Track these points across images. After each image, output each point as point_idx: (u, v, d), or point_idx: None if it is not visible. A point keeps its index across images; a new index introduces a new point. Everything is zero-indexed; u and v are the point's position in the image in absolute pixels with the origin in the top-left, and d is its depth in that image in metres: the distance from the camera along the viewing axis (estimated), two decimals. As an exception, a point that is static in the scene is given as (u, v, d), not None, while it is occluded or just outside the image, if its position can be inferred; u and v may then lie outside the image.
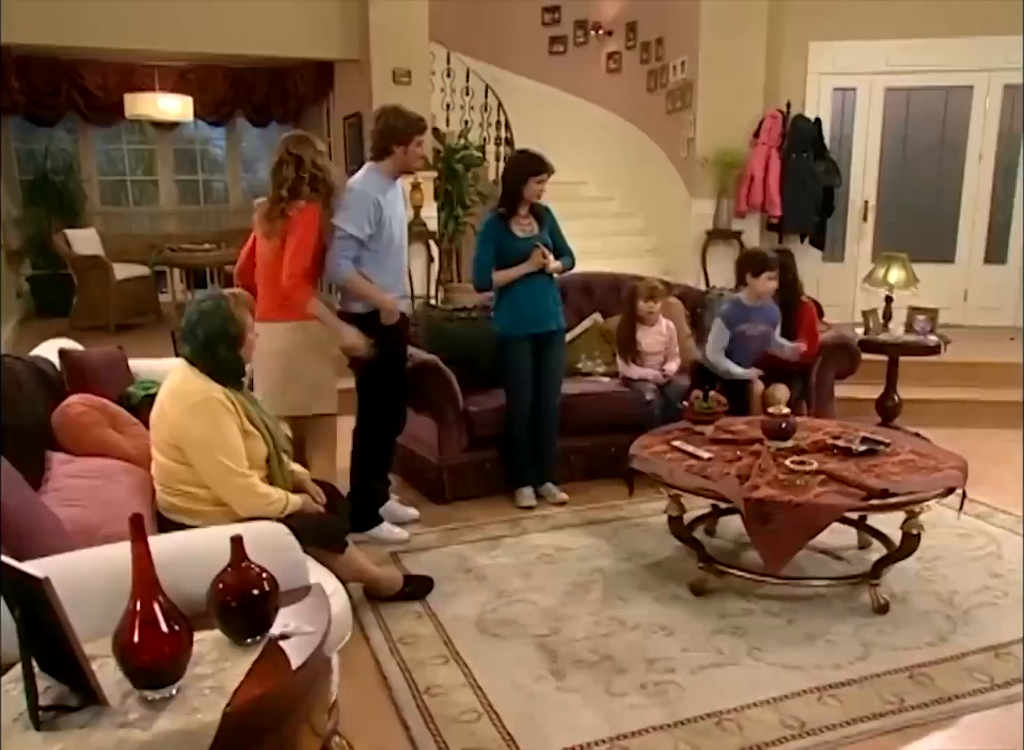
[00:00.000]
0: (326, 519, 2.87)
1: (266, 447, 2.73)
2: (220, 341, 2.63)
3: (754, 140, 6.98)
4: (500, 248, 3.95)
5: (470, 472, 4.25)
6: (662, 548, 3.64)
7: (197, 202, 9.56)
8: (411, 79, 7.26)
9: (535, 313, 4.02)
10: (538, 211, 4.03)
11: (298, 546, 1.90)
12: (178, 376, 2.67)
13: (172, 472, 2.63)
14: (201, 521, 2.64)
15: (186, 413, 2.56)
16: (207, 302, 2.68)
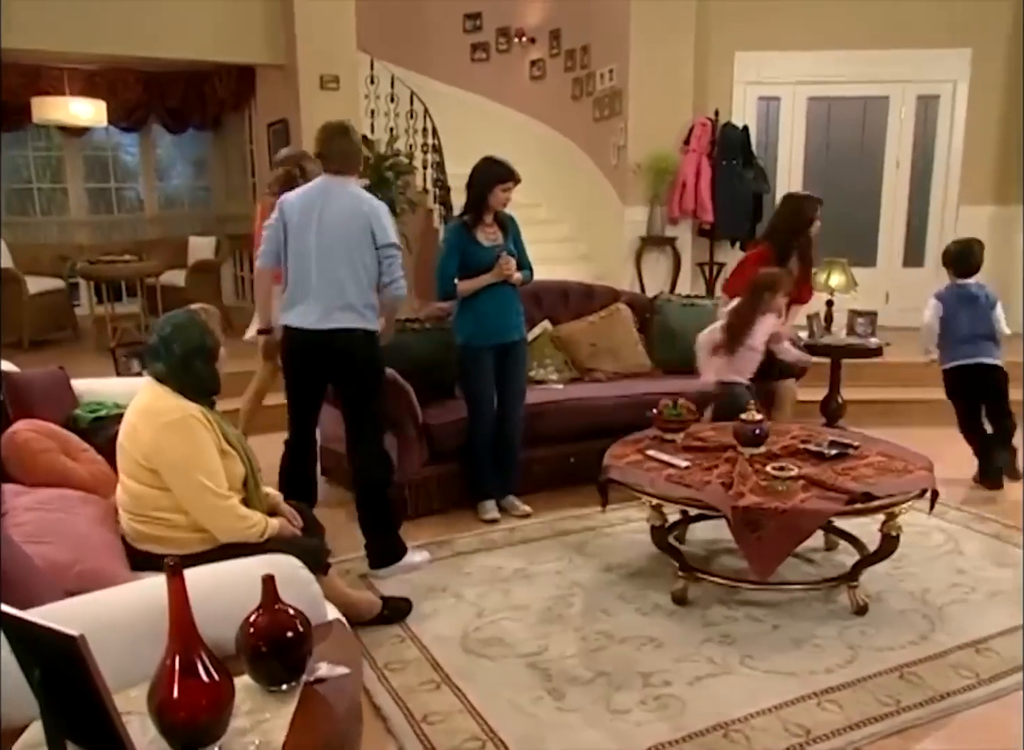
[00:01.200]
0: (306, 542, 2.74)
1: (243, 467, 2.59)
2: (197, 355, 2.50)
3: (685, 147, 7.08)
4: (465, 257, 3.88)
5: (432, 487, 4.16)
6: (636, 558, 3.62)
7: (110, 211, 9.13)
8: (339, 85, 7.11)
9: (498, 323, 3.95)
10: (503, 220, 3.97)
11: (313, 579, 1.79)
12: (149, 394, 2.51)
13: (144, 498, 2.47)
14: (175, 549, 2.48)
15: (162, 432, 2.41)
16: (179, 316, 2.55)
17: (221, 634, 1.60)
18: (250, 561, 1.80)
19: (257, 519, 2.55)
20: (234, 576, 1.72)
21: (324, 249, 3.31)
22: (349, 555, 3.65)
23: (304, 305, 3.34)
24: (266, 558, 1.80)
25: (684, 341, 4.94)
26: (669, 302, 5.13)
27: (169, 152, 9.63)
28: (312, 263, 3.31)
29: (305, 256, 3.33)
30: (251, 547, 2.53)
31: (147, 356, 2.54)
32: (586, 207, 8.23)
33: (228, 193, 9.31)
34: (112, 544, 2.42)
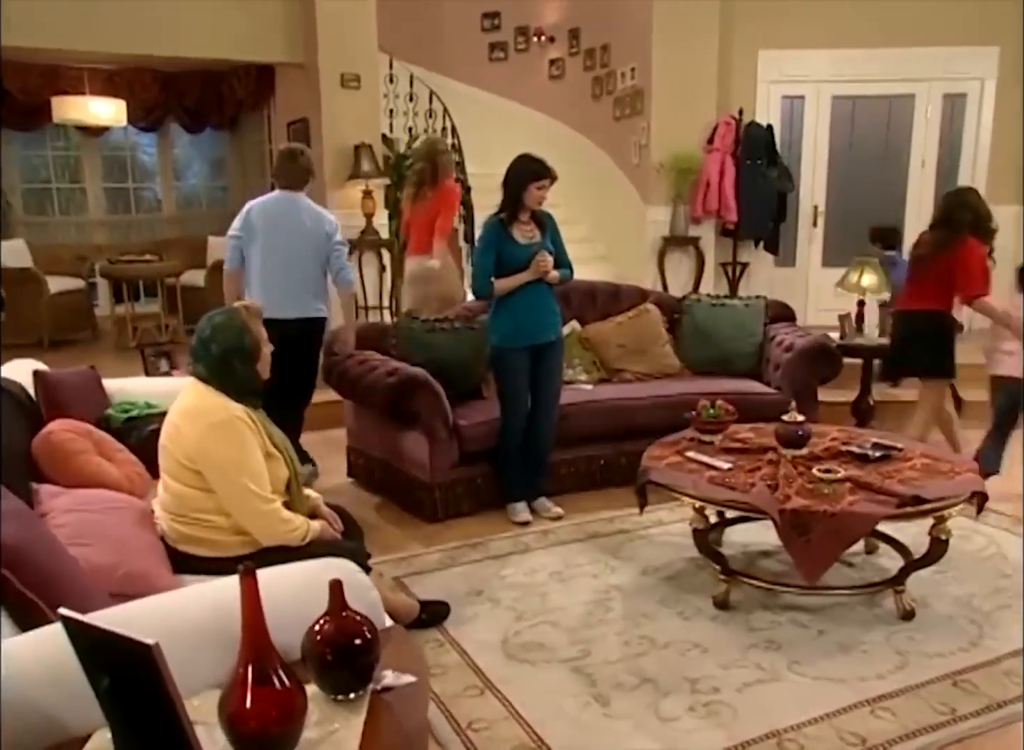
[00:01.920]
0: (346, 544, 2.70)
1: (287, 470, 2.55)
2: (235, 355, 2.46)
3: (708, 146, 7.01)
4: (501, 255, 3.82)
5: (461, 489, 4.11)
6: (673, 561, 3.56)
7: (128, 211, 9.11)
8: (360, 84, 7.05)
9: (534, 323, 3.89)
10: (540, 218, 3.91)
11: (372, 585, 1.74)
12: (192, 395, 2.47)
13: (187, 498, 2.43)
14: (217, 551, 2.46)
15: (207, 433, 2.37)
16: (219, 316, 2.51)
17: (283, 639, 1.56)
18: (309, 565, 1.75)
19: (299, 522, 2.51)
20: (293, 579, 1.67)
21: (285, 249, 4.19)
22: (383, 558, 3.60)
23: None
24: (323, 562, 1.76)
25: (714, 341, 4.92)
26: (698, 302, 5.07)
27: (187, 152, 9.61)
28: (276, 261, 4.18)
29: (270, 257, 4.19)
30: (293, 550, 2.49)
31: (190, 357, 2.49)
32: (605, 207, 8.18)
33: (245, 192, 9.27)
34: (154, 546, 2.38)
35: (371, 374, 4.10)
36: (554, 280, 3.91)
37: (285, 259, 4.17)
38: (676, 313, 5.08)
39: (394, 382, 3.95)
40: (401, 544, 3.80)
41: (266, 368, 2.55)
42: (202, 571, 2.44)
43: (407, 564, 3.56)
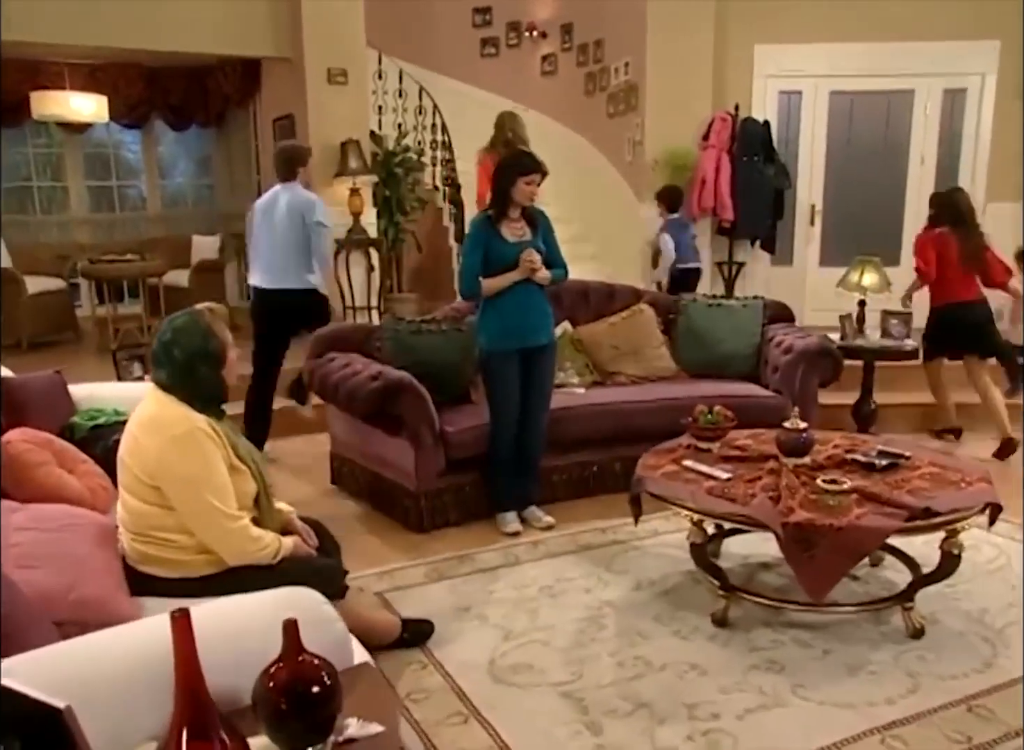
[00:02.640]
0: (322, 562, 2.54)
1: (255, 484, 2.39)
2: (200, 360, 2.29)
3: (704, 143, 6.85)
4: (488, 253, 3.65)
5: (449, 497, 3.94)
6: (669, 574, 3.40)
7: (112, 210, 8.91)
8: (347, 79, 6.89)
9: (523, 325, 3.72)
10: (532, 216, 3.74)
11: (338, 617, 1.57)
12: (152, 404, 2.30)
13: (146, 516, 2.26)
14: (180, 572, 2.29)
15: (168, 446, 2.20)
16: (181, 318, 2.34)
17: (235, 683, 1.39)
18: (265, 596, 1.58)
19: (269, 540, 2.35)
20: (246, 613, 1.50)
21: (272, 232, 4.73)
22: (365, 571, 3.43)
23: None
24: (284, 592, 1.59)
25: (710, 343, 4.76)
26: (694, 302, 4.91)
27: (172, 149, 9.42)
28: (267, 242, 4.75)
29: (264, 238, 4.77)
30: (263, 570, 2.33)
31: (151, 363, 2.33)
32: (598, 205, 8.02)
33: (232, 191, 9.10)
34: (111, 567, 2.21)
35: (353, 378, 3.93)
36: (544, 280, 3.74)
37: (272, 240, 4.72)
38: (672, 314, 4.92)
39: (377, 386, 3.78)
40: (385, 556, 3.63)
41: (233, 374, 2.39)
42: (165, 593, 2.28)
43: (390, 578, 3.39)
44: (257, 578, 2.32)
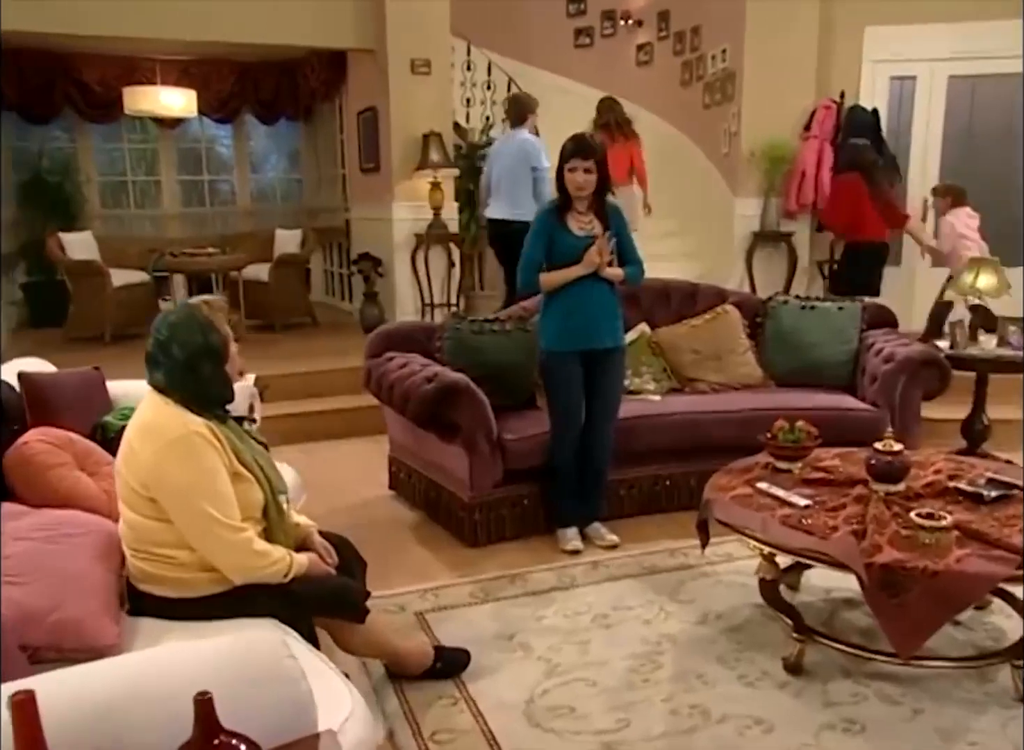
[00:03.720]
0: (340, 583, 2.32)
1: (262, 493, 2.18)
2: (203, 358, 2.10)
3: (805, 133, 6.40)
4: (553, 246, 3.38)
5: (505, 510, 3.68)
6: (739, 607, 3.05)
7: (202, 204, 9.02)
8: (431, 69, 6.70)
9: (586, 326, 3.43)
10: (606, 210, 3.43)
11: (302, 675, 1.33)
12: (148, 409, 2.12)
13: (144, 530, 2.08)
14: (183, 591, 2.10)
15: (162, 453, 2.02)
16: (176, 314, 2.15)
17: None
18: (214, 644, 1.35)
19: (278, 555, 2.14)
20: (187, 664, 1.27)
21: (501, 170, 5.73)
22: (409, 587, 3.22)
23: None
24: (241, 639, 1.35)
25: (801, 349, 4.37)
26: (785, 304, 4.51)
27: (263, 144, 9.48)
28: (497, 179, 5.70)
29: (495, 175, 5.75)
30: (271, 590, 2.13)
31: (146, 365, 2.14)
32: (693, 201, 7.63)
33: (319, 185, 9.08)
34: (105, 586, 2.03)
35: (409, 379, 3.71)
36: (614, 277, 3.44)
37: (503, 177, 5.67)
38: (759, 316, 4.53)
39: (430, 389, 3.55)
40: (432, 572, 3.40)
41: (235, 370, 2.19)
42: (166, 615, 2.10)
43: (434, 597, 3.16)
44: (266, 599, 2.12)
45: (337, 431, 5.26)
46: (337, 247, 8.43)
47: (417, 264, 6.82)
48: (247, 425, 3.10)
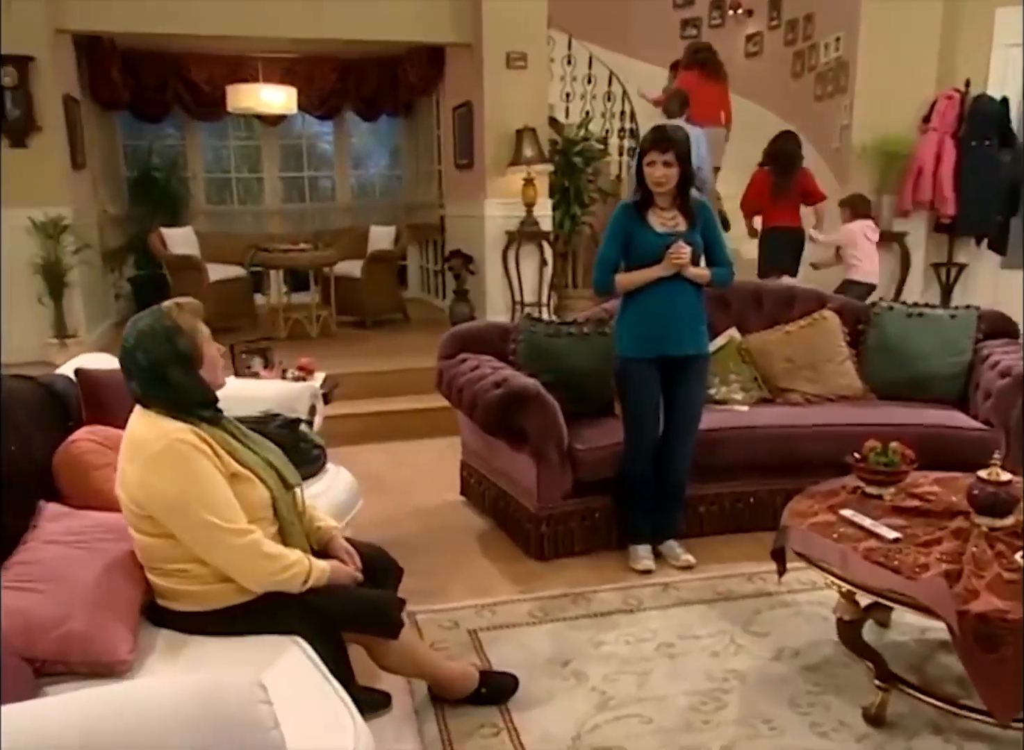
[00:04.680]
0: (370, 594, 2.18)
1: (266, 490, 2.07)
2: (169, 364, 1.99)
3: (924, 125, 5.97)
4: (631, 244, 3.17)
5: (574, 523, 3.50)
6: (819, 643, 2.79)
7: (302, 200, 9.15)
8: (527, 63, 6.55)
9: (665, 331, 3.20)
10: (692, 207, 3.21)
11: (275, 723, 1.19)
12: (133, 423, 2.04)
13: (151, 549, 2.00)
14: (202, 604, 2.01)
15: (146, 469, 1.94)
16: (144, 319, 2.05)
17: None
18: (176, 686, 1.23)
19: (294, 558, 2.02)
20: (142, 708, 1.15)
21: None
22: (466, 602, 3.09)
23: None
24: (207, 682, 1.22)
25: (907, 359, 4.03)
26: (890, 310, 4.16)
27: (365, 140, 9.54)
28: None
29: None
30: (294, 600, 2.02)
31: (123, 375, 2.05)
32: (800, 198, 7.22)
33: (416, 182, 9.07)
34: (123, 599, 1.95)
35: (478, 383, 3.58)
36: (699, 278, 3.20)
37: None
38: (861, 323, 4.19)
39: (498, 395, 3.40)
40: (493, 586, 3.25)
41: (216, 373, 2.09)
42: (189, 629, 2.01)
43: (491, 614, 3.01)
44: (288, 613, 2.01)
45: (418, 431, 5.17)
46: (433, 244, 8.39)
47: (508, 262, 6.70)
48: (303, 427, 3.06)
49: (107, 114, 7.87)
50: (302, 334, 6.65)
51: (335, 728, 1.59)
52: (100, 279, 6.87)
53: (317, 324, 6.72)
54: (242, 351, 3.66)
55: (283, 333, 6.60)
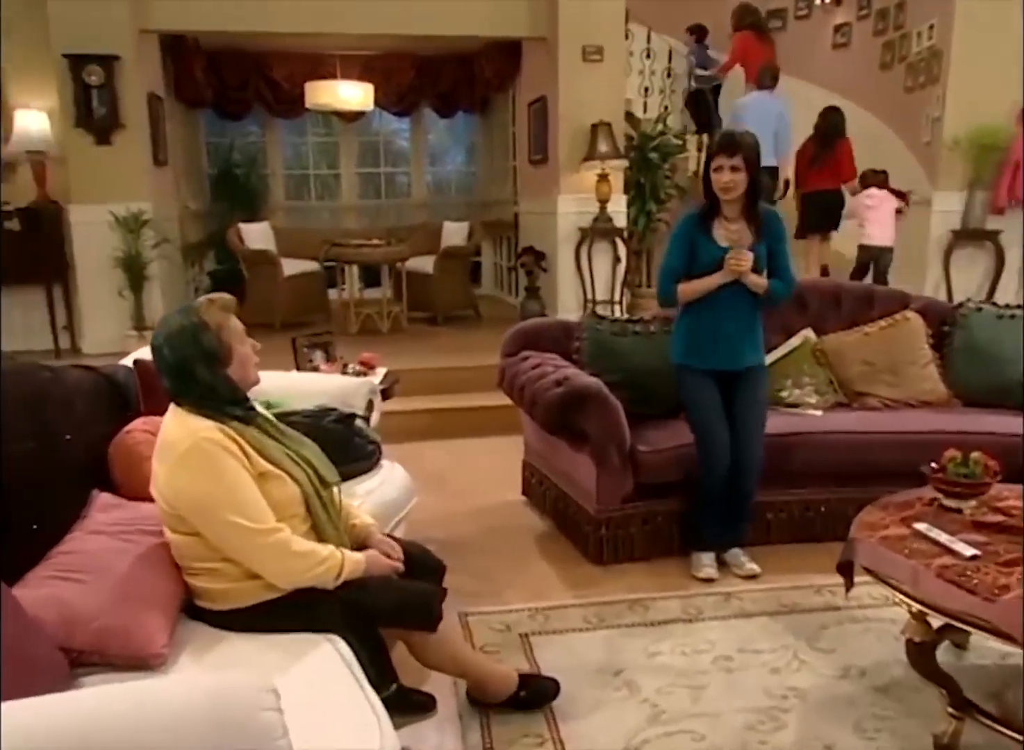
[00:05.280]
0: (408, 586, 2.13)
1: (298, 488, 2.03)
2: (195, 361, 1.97)
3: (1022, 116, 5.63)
4: (695, 255, 3.09)
5: (635, 528, 3.39)
6: (889, 663, 2.63)
7: (378, 196, 9.23)
8: (603, 56, 6.45)
9: (718, 347, 3.12)
10: (763, 218, 3.09)
11: (284, 732, 1.15)
12: (166, 423, 2.03)
13: (183, 548, 1.99)
14: (234, 602, 1.99)
15: (174, 470, 1.92)
16: (174, 316, 2.02)
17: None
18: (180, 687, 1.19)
19: (325, 554, 1.98)
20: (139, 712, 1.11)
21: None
22: (520, 605, 3.02)
23: None
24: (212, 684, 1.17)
25: (996, 364, 3.80)
26: (979, 312, 3.92)
27: (441, 137, 9.57)
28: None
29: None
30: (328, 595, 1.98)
31: (157, 372, 2.04)
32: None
33: (491, 178, 9.04)
34: (162, 592, 1.94)
35: (539, 381, 3.50)
36: (756, 287, 3.08)
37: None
38: (947, 325, 3.97)
39: (557, 394, 3.32)
40: (549, 590, 3.17)
41: (247, 370, 2.05)
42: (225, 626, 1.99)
43: (544, 618, 2.93)
44: (324, 609, 1.97)
45: (483, 428, 5.12)
46: (506, 241, 8.35)
47: (581, 259, 6.61)
48: (358, 422, 3.03)
49: (191, 112, 8.07)
50: (373, 329, 6.68)
51: (360, 729, 1.54)
52: (179, 273, 7.03)
53: (388, 319, 6.74)
54: (304, 345, 3.67)
55: (354, 328, 6.64)
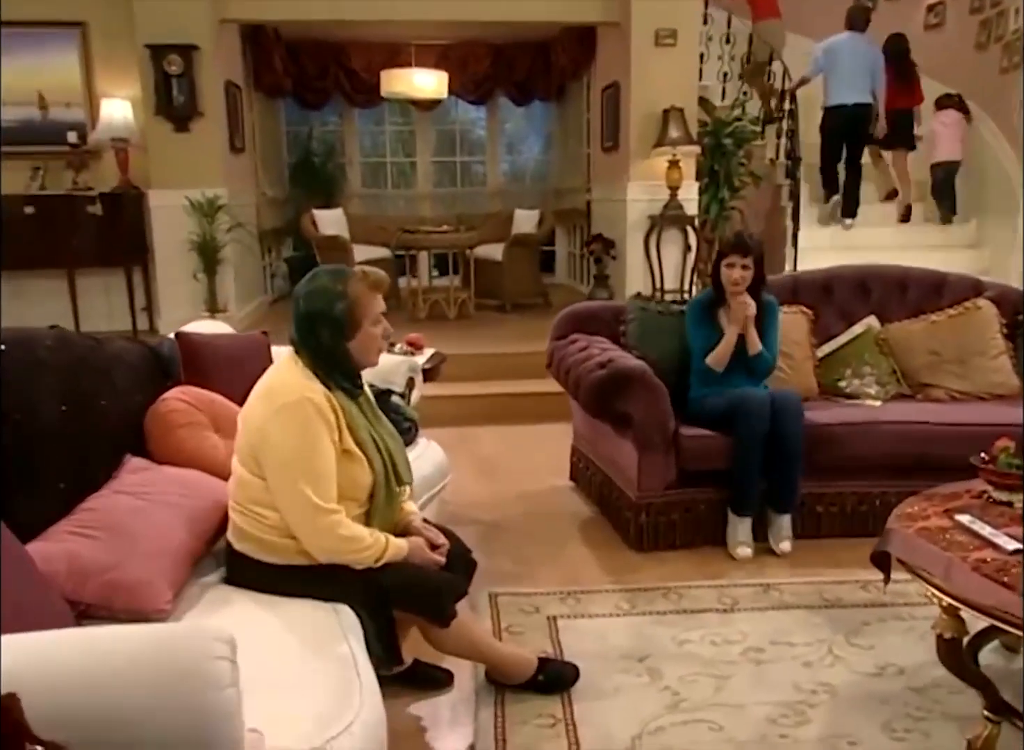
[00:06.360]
0: (432, 578, 2.13)
1: (370, 475, 2.07)
2: (321, 322, 2.01)
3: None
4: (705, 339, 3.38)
5: (676, 515, 3.31)
6: (929, 662, 2.46)
7: (453, 184, 9.27)
8: (676, 40, 6.32)
9: None
10: (762, 302, 3.35)
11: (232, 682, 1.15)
12: (278, 368, 2.10)
13: (247, 486, 2.05)
14: (268, 554, 2.06)
15: (271, 417, 1.97)
16: (323, 274, 2.08)
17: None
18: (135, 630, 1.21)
19: (371, 541, 2.02)
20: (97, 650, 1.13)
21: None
22: (554, 588, 2.98)
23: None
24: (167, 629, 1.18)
25: (1073, 356, 3.55)
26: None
27: (518, 125, 9.55)
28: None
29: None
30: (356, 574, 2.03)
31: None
32: (979, 181, 6.63)
33: (565, 166, 8.98)
34: (177, 550, 1.99)
35: (584, 363, 3.45)
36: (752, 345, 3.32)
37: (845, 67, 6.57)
38: (1021, 314, 3.75)
39: (600, 376, 3.27)
40: (585, 575, 3.12)
41: (369, 351, 2.08)
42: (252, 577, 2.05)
43: (575, 602, 2.88)
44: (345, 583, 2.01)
45: (538, 414, 5.09)
46: (579, 229, 8.29)
47: (650, 247, 6.50)
48: (395, 398, 3.05)
49: (272, 102, 8.26)
50: (440, 315, 6.72)
51: (340, 695, 1.54)
52: (254, 258, 7.20)
53: (455, 306, 6.77)
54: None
55: (423, 314, 6.69)
